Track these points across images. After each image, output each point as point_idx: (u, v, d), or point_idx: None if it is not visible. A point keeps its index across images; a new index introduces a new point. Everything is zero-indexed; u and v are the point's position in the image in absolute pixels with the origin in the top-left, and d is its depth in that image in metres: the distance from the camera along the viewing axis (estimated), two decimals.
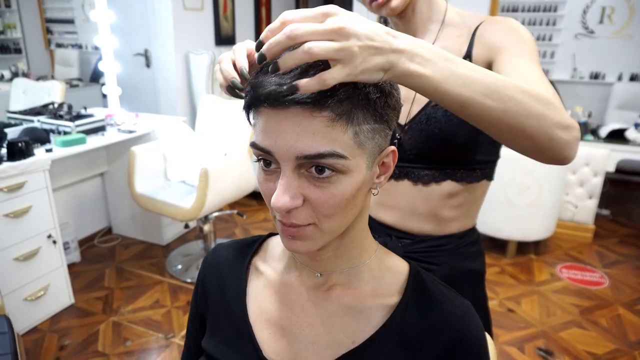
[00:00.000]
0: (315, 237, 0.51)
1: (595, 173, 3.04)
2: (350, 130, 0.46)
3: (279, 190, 0.47)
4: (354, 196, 0.49)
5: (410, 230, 0.88)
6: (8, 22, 4.56)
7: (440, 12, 0.86)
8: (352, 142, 0.47)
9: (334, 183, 0.48)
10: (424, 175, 0.84)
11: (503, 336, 2.17)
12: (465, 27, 0.84)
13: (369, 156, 0.50)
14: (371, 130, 0.49)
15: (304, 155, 0.46)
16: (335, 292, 0.59)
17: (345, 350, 0.56)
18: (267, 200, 0.51)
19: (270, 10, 4.76)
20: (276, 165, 0.49)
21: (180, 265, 2.76)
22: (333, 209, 0.49)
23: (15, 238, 2.02)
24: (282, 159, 0.47)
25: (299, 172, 0.48)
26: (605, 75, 4.98)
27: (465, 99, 0.50)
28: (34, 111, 2.56)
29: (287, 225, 0.50)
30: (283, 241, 0.53)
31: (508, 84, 0.53)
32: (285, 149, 0.46)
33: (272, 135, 0.47)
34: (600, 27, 4.91)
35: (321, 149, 0.45)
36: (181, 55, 3.64)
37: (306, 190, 0.48)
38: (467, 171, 0.84)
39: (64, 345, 2.07)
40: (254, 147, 0.49)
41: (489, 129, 0.56)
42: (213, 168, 2.34)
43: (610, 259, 2.96)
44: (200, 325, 0.71)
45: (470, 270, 0.91)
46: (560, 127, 0.57)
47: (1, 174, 1.90)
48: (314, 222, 0.50)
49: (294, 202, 0.47)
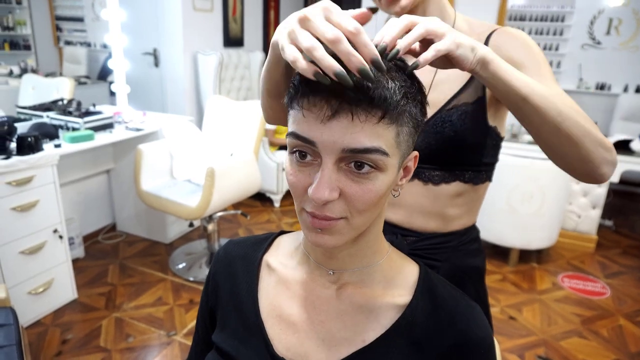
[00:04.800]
0: (344, 231, 0.52)
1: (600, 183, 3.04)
2: (394, 130, 0.48)
3: (320, 182, 0.47)
4: (385, 194, 0.51)
5: (416, 228, 0.90)
6: (18, 19, 4.60)
7: (450, 19, 0.87)
8: (394, 141, 0.49)
9: (371, 179, 0.49)
10: (435, 175, 0.86)
11: (504, 343, 2.18)
12: (474, 34, 0.85)
13: (401, 157, 0.52)
14: (409, 133, 0.51)
15: (351, 149, 0.46)
16: (346, 291, 0.59)
17: (355, 348, 0.57)
18: (298, 192, 0.51)
19: (278, 12, 4.79)
20: (312, 158, 0.49)
21: (183, 263, 2.77)
22: (367, 205, 0.50)
23: (22, 232, 2.03)
24: (325, 151, 0.47)
25: (339, 166, 0.49)
26: (611, 86, 4.99)
27: (527, 94, 0.60)
28: (43, 107, 2.58)
29: (319, 218, 0.50)
30: (309, 235, 0.53)
31: (563, 96, 0.64)
32: (332, 141, 0.46)
33: (318, 127, 0.47)
34: (607, 38, 4.92)
35: (368, 144, 0.46)
36: (189, 55, 3.67)
37: (344, 184, 0.49)
38: (474, 172, 0.87)
39: (66, 339, 2.08)
40: (295, 137, 0.49)
41: (541, 126, 0.63)
42: (219, 168, 2.36)
43: (612, 270, 2.96)
44: (210, 320, 0.72)
45: (472, 267, 0.93)
46: (603, 146, 0.63)
47: (10, 168, 1.92)
48: (346, 216, 0.50)
49: (332, 194, 0.48)
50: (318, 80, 0.44)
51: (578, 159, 0.63)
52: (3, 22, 4.52)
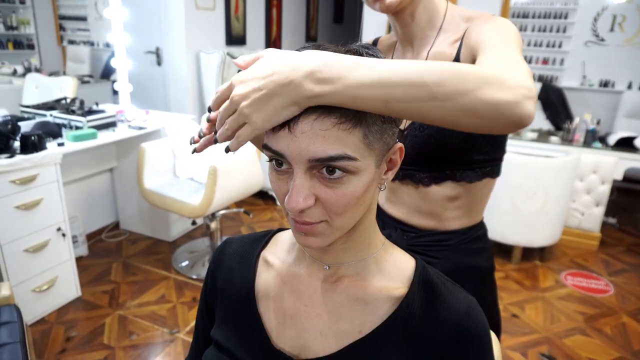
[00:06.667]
0: (327, 233, 0.53)
1: (603, 181, 3.03)
2: (359, 132, 0.48)
3: (293, 192, 0.49)
4: (363, 194, 0.51)
5: (415, 225, 0.91)
6: (22, 18, 4.62)
7: (439, 17, 0.86)
8: (362, 143, 0.49)
9: (344, 183, 0.49)
10: (424, 177, 0.86)
11: (507, 341, 2.17)
12: (459, 31, 0.83)
13: (377, 155, 0.51)
14: (379, 131, 0.50)
15: (316, 159, 0.47)
16: (343, 284, 0.60)
17: (352, 340, 0.58)
18: (280, 199, 0.53)
19: (281, 10, 4.78)
20: (288, 166, 0.50)
21: (186, 261, 2.78)
22: (344, 208, 0.50)
23: (26, 230, 2.05)
24: (294, 161, 0.48)
25: (311, 173, 0.49)
26: (615, 84, 4.96)
27: (386, 97, 0.46)
28: (46, 106, 2.59)
29: (300, 223, 0.52)
30: (296, 237, 0.55)
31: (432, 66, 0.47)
32: (297, 152, 0.48)
33: (284, 138, 0.48)
34: (611, 35, 4.90)
35: (332, 152, 0.47)
36: (192, 54, 3.67)
37: (318, 190, 0.50)
38: (466, 171, 0.86)
39: (70, 337, 2.09)
40: (267, 149, 0.51)
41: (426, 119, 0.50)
42: (221, 166, 2.36)
43: (615, 267, 2.95)
44: (209, 317, 0.73)
45: (473, 266, 0.92)
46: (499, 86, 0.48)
47: (14, 167, 1.93)
48: (326, 219, 0.51)
49: (306, 202, 0.49)
50: None
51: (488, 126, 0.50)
52: (7, 22, 4.53)
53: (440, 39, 0.86)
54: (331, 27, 6.25)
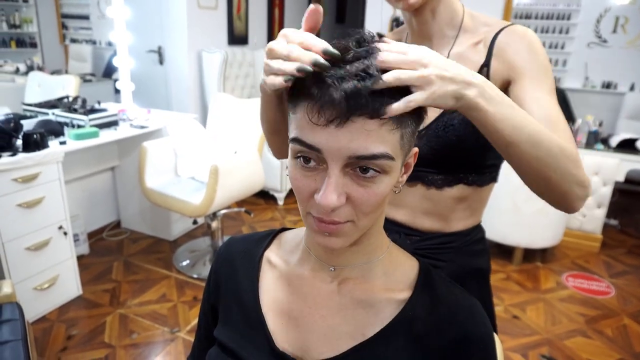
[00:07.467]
0: (351, 233, 0.52)
1: (605, 182, 3.02)
2: (398, 133, 0.48)
3: (328, 189, 0.47)
4: (388, 194, 0.51)
5: (419, 227, 0.90)
6: (25, 17, 4.63)
7: (458, 17, 0.85)
8: (398, 144, 0.49)
9: (376, 182, 0.49)
10: (438, 179, 0.86)
11: (507, 342, 2.17)
12: (479, 34, 0.83)
13: (403, 157, 0.52)
14: (411, 133, 0.51)
15: (357, 156, 0.46)
16: (347, 286, 0.60)
17: (356, 342, 0.58)
18: (303, 197, 0.51)
19: (283, 11, 4.78)
20: (317, 163, 0.49)
21: (187, 260, 2.78)
22: (373, 207, 0.50)
23: (28, 228, 2.05)
24: (331, 158, 0.47)
25: (345, 171, 0.48)
26: (617, 85, 4.95)
27: (512, 141, 0.57)
28: (49, 104, 2.60)
29: (327, 223, 0.50)
30: (316, 237, 0.53)
31: (550, 137, 0.60)
32: (337, 148, 0.46)
33: (322, 133, 0.46)
34: (614, 36, 4.89)
35: (375, 150, 0.46)
36: (194, 53, 3.67)
37: (350, 188, 0.49)
38: (477, 175, 0.86)
39: (71, 335, 2.10)
40: (299, 143, 0.48)
41: (519, 168, 0.63)
42: (223, 165, 2.36)
43: (617, 269, 2.95)
44: (212, 316, 0.73)
45: (476, 267, 0.92)
46: (579, 184, 0.64)
47: (16, 165, 1.93)
48: (353, 219, 0.51)
49: (340, 200, 0.48)
50: (302, 70, 0.47)
51: (553, 198, 0.66)
52: (10, 20, 4.55)
53: (460, 40, 0.85)
54: (333, 27, 6.24)
